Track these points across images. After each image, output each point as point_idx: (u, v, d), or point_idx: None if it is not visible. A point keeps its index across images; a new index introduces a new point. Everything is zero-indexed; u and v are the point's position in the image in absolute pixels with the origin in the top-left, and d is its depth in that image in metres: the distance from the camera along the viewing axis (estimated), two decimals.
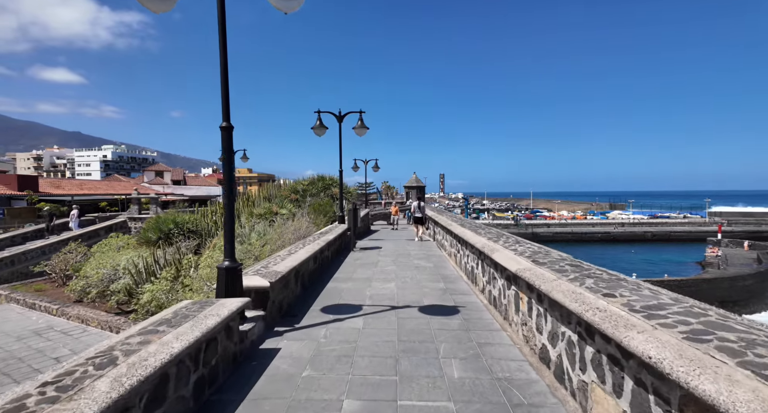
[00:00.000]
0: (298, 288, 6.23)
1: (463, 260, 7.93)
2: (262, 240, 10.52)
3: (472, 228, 8.01)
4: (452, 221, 10.11)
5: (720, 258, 46.79)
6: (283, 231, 9.50)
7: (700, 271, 46.36)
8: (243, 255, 8.41)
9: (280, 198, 21.50)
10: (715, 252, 49.42)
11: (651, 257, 54.43)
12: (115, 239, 19.36)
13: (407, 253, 10.82)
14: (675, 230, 67.67)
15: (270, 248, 8.83)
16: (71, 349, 10.18)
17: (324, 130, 13.23)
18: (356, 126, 13.26)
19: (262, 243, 9.38)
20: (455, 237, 8.86)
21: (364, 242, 13.82)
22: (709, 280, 37.61)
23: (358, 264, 8.89)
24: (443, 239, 11.30)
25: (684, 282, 36.75)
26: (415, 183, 31.94)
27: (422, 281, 7.34)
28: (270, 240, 9.21)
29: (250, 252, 8.48)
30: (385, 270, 8.34)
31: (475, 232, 7.40)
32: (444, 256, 10.34)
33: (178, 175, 72.35)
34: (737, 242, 53.62)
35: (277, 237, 9.33)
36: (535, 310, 3.98)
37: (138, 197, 25.71)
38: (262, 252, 8.77)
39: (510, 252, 5.12)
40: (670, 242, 64.01)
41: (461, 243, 8.09)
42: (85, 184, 47.53)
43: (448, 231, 9.98)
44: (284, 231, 9.40)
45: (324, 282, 7.27)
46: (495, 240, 6.25)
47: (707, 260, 48.88)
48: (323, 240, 8.56)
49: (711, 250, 50.66)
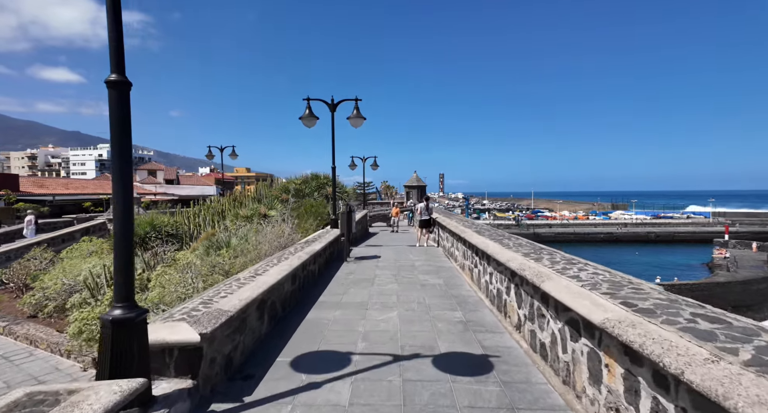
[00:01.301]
0: (265, 325, 4.51)
1: (484, 278, 6.22)
2: (240, 247, 8.81)
3: (496, 238, 6.30)
4: (465, 227, 8.40)
5: (728, 260, 45.22)
6: (259, 240, 7.76)
7: (707, 273, 44.89)
8: (208, 270, 6.72)
9: (270, 198, 19.77)
10: (723, 254, 47.88)
11: (655, 259, 52.92)
12: (87, 243, 17.59)
13: (411, 265, 9.10)
14: (679, 231, 66.42)
15: (242, 261, 7.12)
16: (5, 381, 8.40)
17: (314, 120, 11.49)
18: (351, 115, 11.54)
19: (235, 253, 7.67)
20: (471, 248, 7.17)
21: (360, 249, 12.11)
22: (722, 284, 36.08)
23: (350, 281, 7.18)
24: (453, 247, 9.59)
25: (696, 286, 35.23)
26: (416, 182, 30.25)
27: (433, 307, 5.63)
28: (244, 251, 7.49)
29: (219, 268, 6.79)
30: (384, 290, 6.62)
31: (501, 244, 5.69)
32: (455, 269, 8.63)
33: (171, 174, 70.52)
34: (745, 243, 52.10)
35: (251, 247, 7.61)
36: (648, 399, 2.27)
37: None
38: (232, 266, 7.05)
39: (571, 281, 3.41)
40: (673, 243, 62.70)
41: (481, 256, 6.39)
42: (71, 183, 45.57)
43: (460, 239, 8.29)
44: (260, 241, 7.66)
45: (304, 309, 5.56)
46: (535, 257, 4.54)
47: (715, 262, 47.30)
48: (308, 251, 6.84)
49: (718, 252, 49.11)
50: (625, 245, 60.56)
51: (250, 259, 7.09)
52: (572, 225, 70.43)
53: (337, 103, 11.37)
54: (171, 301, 5.84)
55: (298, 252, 6.41)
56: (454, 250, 9.32)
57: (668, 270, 45.42)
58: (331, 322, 4.95)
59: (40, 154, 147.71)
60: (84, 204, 34.35)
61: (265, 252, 7.27)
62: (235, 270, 7.13)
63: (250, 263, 6.82)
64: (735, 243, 51.63)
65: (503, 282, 5.15)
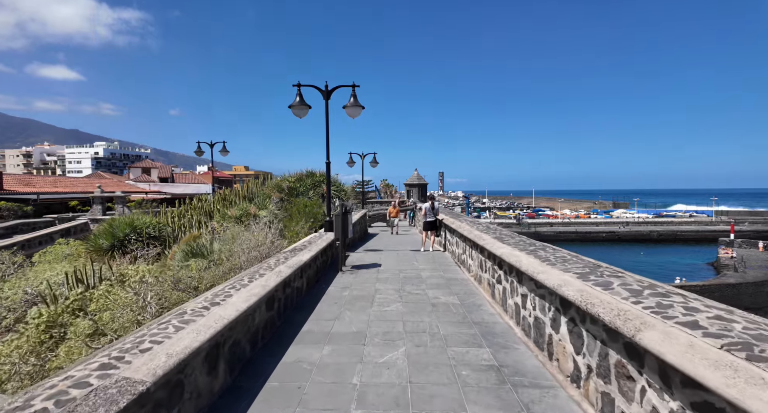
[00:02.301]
0: (220, 378, 3.20)
1: (513, 299, 4.92)
2: (223, 253, 7.45)
3: (526, 248, 4.97)
4: (481, 231, 7.08)
5: (736, 260, 44.02)
6: (233, 249, 6.37)
7: (712, 273, 43.73)
8: (170, 285, 5.41)
9: (262, 197, 18.42)
10: (729, 254, 46.69)
11: (659, 259, 51.78)
12: (63, 246, 16.25)
13: (417, 275, 7.78)
14: (681, 229, 65.55)
15: (213, 274, 5.80)
16: None
17: (305, 109, 10.14)
18: (348, 104, 10.20)
19: (216, 260, 6.34)
20: (491, 258, 5.87)
21: (358, 255, 10.79)
22: (733, 286, 34.92)
23: (345, 301, 5.85)
24: (465, 254, 8.28)
25: (706, 288, 34.05)
26: (417, 180, 28.94)
27: (450, 340, 4.33)
28: (217, 262, 6.16)
29: (185, 283, 5.47)
30: (386, 313, 5.31)
31: (537, 257, 4.38)
32: (469, 282, 7.32)
33: (166, 172, 69.05)
34: (751, 243, 50.96)
35: (224, 258, 6.27)
36: None
37: (101, 195, 22.51)
38: (201, 281, 5.74)
39: (688, 333, 2.11)
40: (676, 242, 61.78)
41: (507, 270, 5.08)
42: (60, 181, 44.06)
43: (475, 246, 6.99)
44: (233, 251, 6.27)
45: (283, 344, 4.24)
46: (599, 280, 3.23)
47: (721, 262, 46.12)
48: (293, 263, 5.52)
49: (724, 251, 47.94)
50: (628, 244, 59.55)
51: (223, 272, 5.78)
52: (574, 223, 69.51)
53: (331, 90, 10.03)
54: (117, 329, 4.54)
55: (279, 266, 5.10)
56: (467, 258, 8.01)
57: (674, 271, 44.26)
58: (316, 368, 3.63)
59: (36, 152, 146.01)
60: (71, 203, 32.94)
61: (242, 263, 5.95)
62: (204, 285, 5.81)
63: (221, 279, 5.50)
64: (740, 242, 50.51)
65: (546, 311, 3.85)
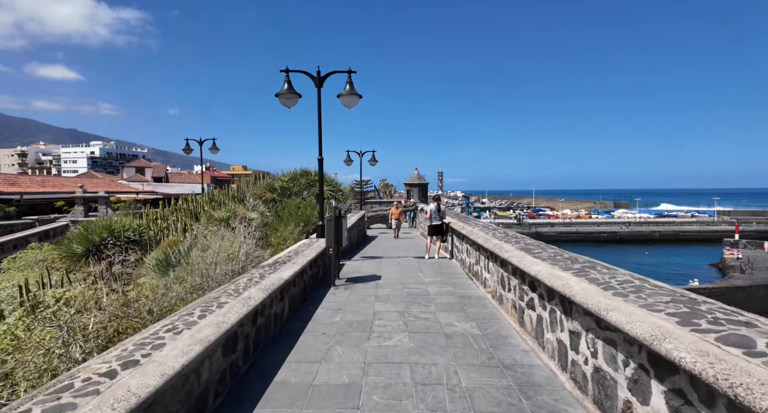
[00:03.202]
0: None
1: (556, 334, 3.73)
2: (177, 273, 6.19)
3: (569, 266, 3.78)
4: (500, 239, 5.87)
5: (742, 261, 42.91)
6: (192, 266, 5.08)
7: (717, 275, 42.70)
8: (111, 315, 4.20)
9: (253, 197, 17.20)
10: (734, 255, 45.59)
11: (664, 260, 50.75)
12: (35, 251, 14.99)
13: (423, 291, 6.58)
14: (683, 230, 64.68)
15: (176, 295, 4.59)
16: None
17: (295, 97, 8.91)
18: (344, 92, 8.98)
19: (170, 279, 5.13)
20: (518, 276, 4.67)
21: (354, 263, 9.58)
22: (743, 288, 33.81)
23: (336, 330, 4.61)
24: (478, 265, 7.08)
25: (715, 291, 32.93)
26: (417, 180, 27.74)
27: (478, 402, 3.10)
28: (179, 279, 4.93)
29: (135, 309, 4.23)
30: (387, 350, 4.08)
31: (589, 279, 3.19)
32: (485, 299, 6.12)
33: (160, 171, 67.66)
34: (756, 243, 49.93)
35: (186, 274, 5.03)
36: None
37: (83, 196, 21.22)
38: (162, 300, 4.52)
39: None
40: (678, 242, 60.86)
41: (544, 294, 3.90)
42: (48, 180, 42.62)
43: (492, 256, 5.80)
44: (194, 265, 5.00)
45: (241, 408, 3.02)
46: (708, 323, 2.05)
47: (727, 263, 44.99)
48: (267, 285, 4.31)
49: (729, 252, 46.85)
50: (630, 245, 58.60)
51: (186, 292, 4.56)
52: (575, 224, 68.60)
53: (324, 77, 8.81)
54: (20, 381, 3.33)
55: (249, 290, 3.89)
56: (482, 271, 6.81)
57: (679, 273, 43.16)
58: None
59: (31, 152, 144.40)
60: (56, 203, 31.59)
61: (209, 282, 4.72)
62: (163, 307, 4.59)
63: (179, 304, 4.27)
64: (745, 242, 49.50)
65: (617, 364, 2.66)
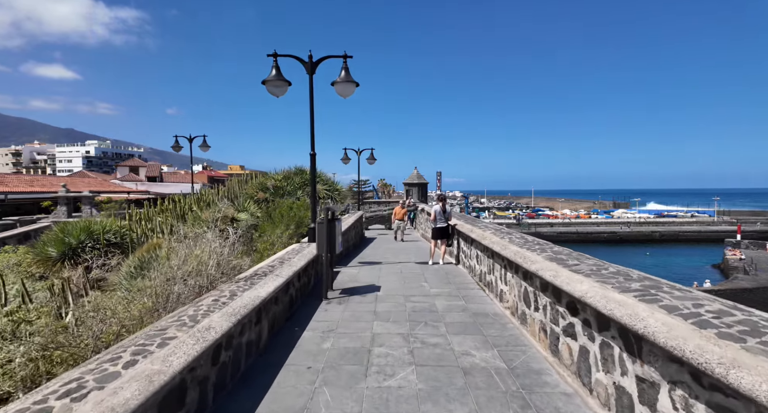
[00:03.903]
0: None
1: (613, 377, 2.80)
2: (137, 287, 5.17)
3: (626, 284, 2.85)
4: (520, 245, 4.94)
5: (745, 261, 42.23)
6: (145, 282, 4.05)
7: (719, 275, 42.04)
8: (45, 341, 3.26)
9: (244, 197, 16.24)
10: (737, 255, 44.93)
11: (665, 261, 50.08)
12: (8, 254, 13.98)
13: (430, 306, 5.64)
14: (683, 230, 64.25)
15: (130, 316, 3.63)
16: None
17: (285, 85, 7.94)
18: (339, 79, 8.02)
19: (133, 293, 4.16)
20: (547, 290, 3.76)
21: (350, 270, 8.64)
22: (750, 290, 33.10)
23: (325, 363, 3.62)
24: (492, 275, 6.15)
25: (721, 293, 32.16)
26: (417, 179, 26.83)
27: None
28: (133, 296, 3.95)
29: (74, 336, 3.27)
30: (389, 395, 3.06)
31: (668, 309, 2.28)
32: (504, 317, 5.20)
33: (154, 170, 66.49)
34: (759, 244, 49.33)
35: (135, 290, 4.02)
36: None
37: (66, 195, 20.20)
38: (84, 334, 3.53)
39: None
40: (678, 242, 60.35)
41: (592, 322, 2.97)
42: (37, 180, 41.46)
43: (510, 265, 4.88)
44: (154, 280, 4.01)
45: None
46: None
47: (730, 264, 44.29)
48: (236, 309, 3.36)
49: (731, 252, 46.18)
50: (630, 245, 57.98)
51: (147, 311, 3.61)
52: (575, 224, 68.08)
53: (317, 61, 7.86)
54: None
55: (211, 317, 2.95)
56: (497, 281, 5.89)
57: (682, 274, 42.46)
58: None
59: (25, 151, 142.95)
60: (43, 203, 30.49)
61: (164, 302, 3.75)
62: (110, 334, 3.63)
63: (123, 334, 3.31)
64: (748, 243, 48.90)
65: None
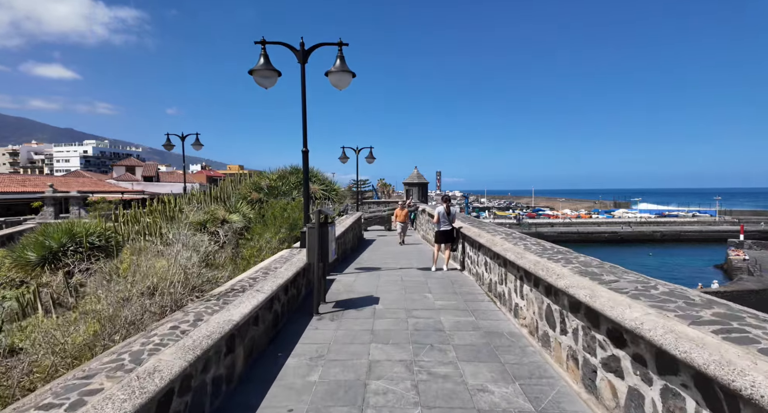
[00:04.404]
0: None
1: None
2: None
3: (695, 314, 2.19)
4: (539, 254, 4.25)
5: (749, 262, 41.61)
6: (93, 304, 3.32)
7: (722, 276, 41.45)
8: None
9: (237, 197, 15.55)
10: (740, 256, 44.33)
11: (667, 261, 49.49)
12: None
13: (435, 322, 4.95)
14: (685, 229, 63.73)
15: (52, 351, 2.90)
16: None
17: (274, 75, 7.22)
18: (333, 69, 7.30)
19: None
20: (578, 310, 3.07)
21: (346, 277, 7.94)
22: (756, 292, 32.48)
23: (309, 406, 2.83)
24: (504, 286, 5.46)
25: (726, 294, 31.54)
26: (417, 179, 26.14)
27: None
28: (97, 309, 3.22)
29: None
30: None
31: (749, 344, 1.60)
32: (522, 337, 4.50)
33: (151, 170, 65.77)
34: (762, 244, 48.75)
35: (92, 304, 3.31)
36: None
37: (52, 196, 19.47)
38: (14, 367, 2.83)
39: None
40: (680, 242, 59.81)
41: (650, 361, 2.29)
42: (29, 180, 40.73)
43: (527, 276, 4.18)
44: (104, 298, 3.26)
45: None
46: None
47: (733, 264, 43.66)
48: (197, 341, 2.67)
49: (735, 253, 45.58)
50: (631, 245, 57.39)
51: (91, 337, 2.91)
52: (575, 224, 67.54)
53: (309, 49, 7.14)
54: None
55: (161, 353, 2.26)
56: (509, 292, 5.19)
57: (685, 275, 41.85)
58: None
59: (23, 151, 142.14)
60: (33, 204, 29.74)
61: (115, 328, 3.05)
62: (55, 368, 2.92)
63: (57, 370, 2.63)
64: (751, 243, 48.32)
65: None
